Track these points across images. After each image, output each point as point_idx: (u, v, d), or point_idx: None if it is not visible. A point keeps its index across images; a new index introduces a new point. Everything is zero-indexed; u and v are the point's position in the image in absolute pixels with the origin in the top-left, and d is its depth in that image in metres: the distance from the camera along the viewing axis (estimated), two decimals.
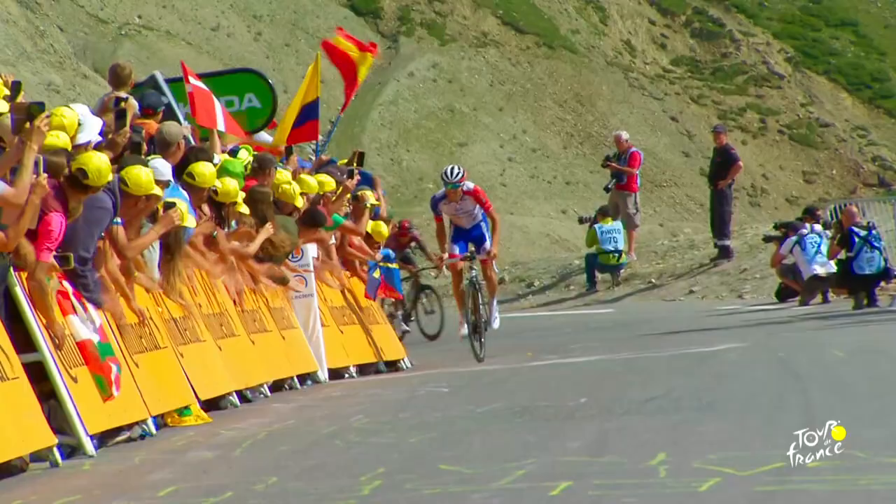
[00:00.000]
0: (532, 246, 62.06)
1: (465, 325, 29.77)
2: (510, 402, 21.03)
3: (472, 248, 30.04)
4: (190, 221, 22.04)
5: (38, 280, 18.07)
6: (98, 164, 18.72)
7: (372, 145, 64.32)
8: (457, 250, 29.91)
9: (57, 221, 18.02)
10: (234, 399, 22.72)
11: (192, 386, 21.24)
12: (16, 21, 63.30)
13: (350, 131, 62.53)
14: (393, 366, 29.52)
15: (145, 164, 20.87)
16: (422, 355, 31.99)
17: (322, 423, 20.40)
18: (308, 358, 26.20)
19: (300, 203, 26.74)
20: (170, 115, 26.17)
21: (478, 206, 29.98)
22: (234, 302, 23.81)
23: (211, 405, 21.62)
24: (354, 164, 30.80)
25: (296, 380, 25.41)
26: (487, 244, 29.84)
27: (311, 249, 27.23)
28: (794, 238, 38.87)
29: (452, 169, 29.78)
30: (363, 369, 28.26)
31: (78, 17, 70.54)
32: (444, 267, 31.48)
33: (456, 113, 76.48)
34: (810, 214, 40.80)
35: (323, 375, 26.37)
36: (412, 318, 39.74)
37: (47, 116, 18.07)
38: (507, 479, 14.18)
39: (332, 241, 28.72)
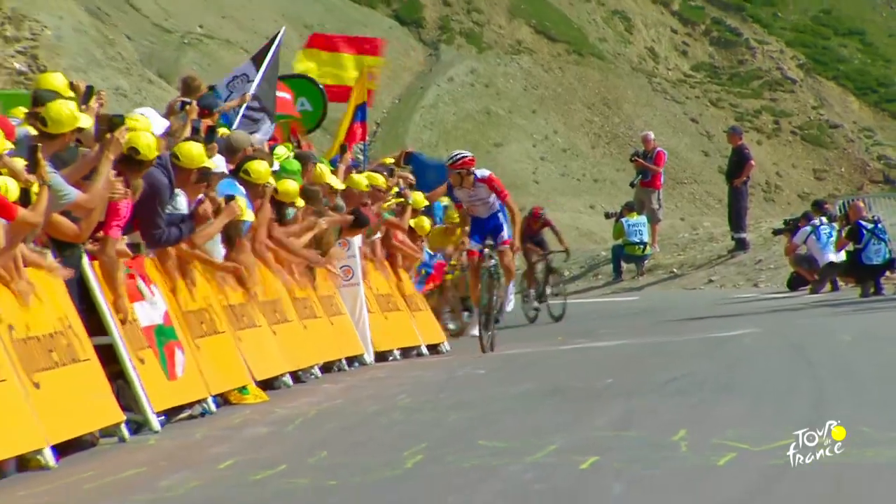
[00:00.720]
0: (570, 233, 61.95)
1: (477, 325, 28.35)
2: (542, 383, 21.02)
3: (488, 240, 27.39)
4: (248, 215, 22.09)
5: (109, 255, 18.17)
6: (147, 140, 18.85)
7: (415, 145, 64.15)
8: (473, 245, 27.50)
9: (123, 202, 18.12)
10: (288, 380, 22.76)
11: (248, 367, 21.28)
12: (87, 31, 63.38)
13: (394, 132, 62.51)
14: (434, 349, 29.44)
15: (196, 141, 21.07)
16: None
17: (368, 402, 20.39)
18: (355, 342, 26.24)
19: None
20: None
21: (493, 194, 27.28)
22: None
23: (266, 385, 21.65)
24: (401, 163, 31.00)
25: (344, 362, 25.41)
26: (505, 233, 27.30)
27: (357, 241, 27.23)
28: (807, 228, 38.83)
29: (455, 154, 26.88)
30: (406, 352, 28.26)
31: (144, 26, 70.59)
32: (462, 255, 30.38)
33: (492, 115, 76.43)
34: (819, 208, 40.75)
35: (369, 358, 26.41)
36: (543, 300, 37.97)
37: (125, 129, 18.23)
38: (540, 454, 14.17)
39: (378, 235, 28.79)
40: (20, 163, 16.47)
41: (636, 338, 28.15)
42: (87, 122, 18.88)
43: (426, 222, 31.22)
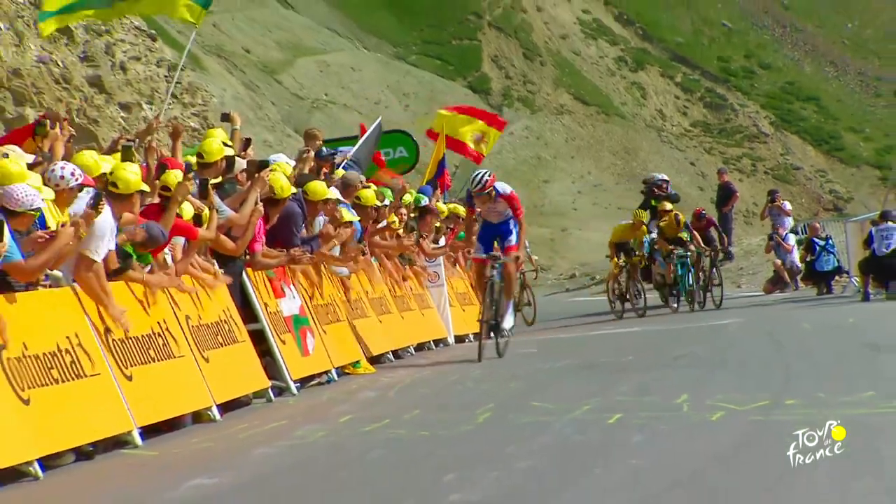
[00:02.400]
0: (594, 252, 61.63)
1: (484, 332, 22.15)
2: (579, 360, 20.96)
3: (496, 246, 22.08)
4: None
5: (257, 262, 18.34)
6: (282, 182, 18.95)
7: None
8: (482, 251, 22.00)
9: (260, 227, 18.39)
10: (390, 356, 22.74)
11: (361, 347, 21.30)
12: (243, 98, 63.55)
13: (467, 176, 62.26)
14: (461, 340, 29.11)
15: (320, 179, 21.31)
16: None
17: (449, 374, 20.35)
18: (440, 328, 26.19)
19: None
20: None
21: (510, 210, 22.04)
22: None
23: (374, 360, 21.63)
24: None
25: (432, 343, 25.37)
26: (513, 238, 21.85)
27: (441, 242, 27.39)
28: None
29: (476, 177, 21.87)
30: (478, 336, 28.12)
31: (284, 95, 70.55)
32: (468, 262, 26.52)
33: (542, 160, 76.05)
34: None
35: (451, 340, 26.33)
36: (709, 289, 33.20)
37: (269, 171, 18.47)
38: (577, 412, 14.12)
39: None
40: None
41: (648, 325, 28.02)
42: (241, 164, 19.02)
43: (460, 209, 30.57)
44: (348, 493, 10.76)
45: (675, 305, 32.60)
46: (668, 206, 33.16)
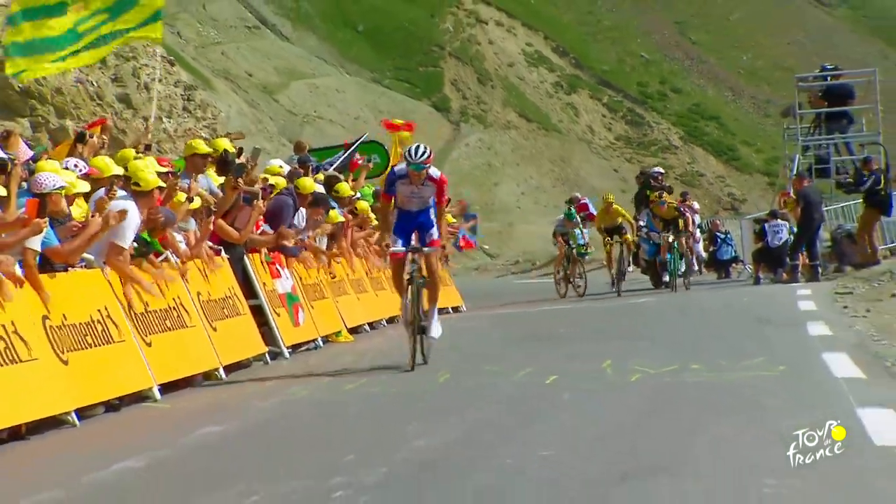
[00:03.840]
0: (536, 242, 61.79)
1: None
2: (523, 331, 20.97)
3: (415, 238, 16.32)
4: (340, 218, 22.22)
5: (252, 240, 18.37)
6: (278, 181, 19.04)
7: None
8: (400, 244, 16.21)
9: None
10: (367, 327, 22.69)
11: (342, 319, 21.26)
12: (246, 114, 63.44)
13: (406, 148, 62.38)
14: (456, 310, 29.05)
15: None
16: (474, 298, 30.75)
17: (349, 358, 20.38)
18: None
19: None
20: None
21: (433, 197, 16.30)
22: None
23: (352, 331, 21.58)
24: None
25: (398, 319, 25.26)
26: (434, 232, 16.26)
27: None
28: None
29: (418, 147, 15.86)
30: (440, 311, 27.92)
31: (280, 112, 70.40)
32: (386, 257, 19.22)
33: (492, 166, 76.08)
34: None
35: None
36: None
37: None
38: (521, 374, 14.14)
39: None
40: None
41: (580, 303, 28.06)
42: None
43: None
44: (330, 439, 10.77)
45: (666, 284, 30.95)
46: (667, 196, 31.83)
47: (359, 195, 24.44)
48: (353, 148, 27.92)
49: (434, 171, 16.06)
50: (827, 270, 31.67)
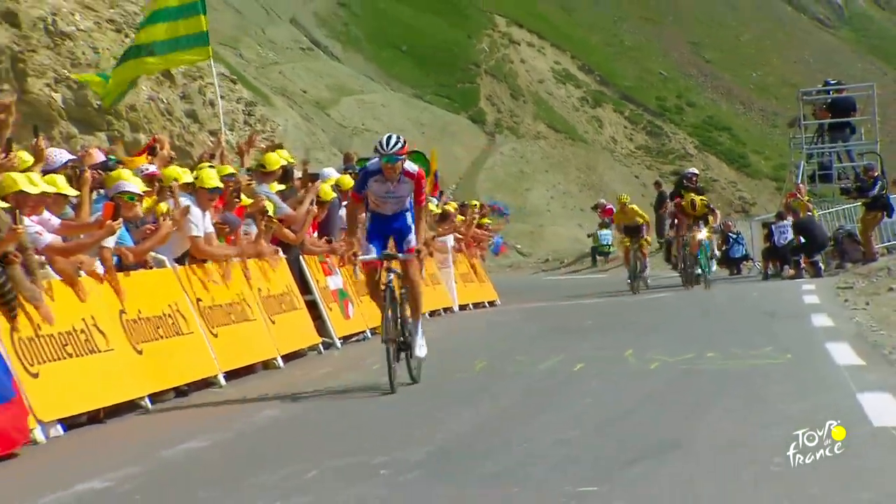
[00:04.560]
0: (564, 242, 61.72)
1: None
2: (553, 324, 20.95)
3: (392, 244, 13.23)
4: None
5: (307, 248, 18.36)
6: (327, 190, 19.04)
7: (480, 191, 63.97)
8: (373, 251, 12.98)
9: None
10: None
11: None
12: (300, 127, 63.60)
13: (470, 183, 62.03)
14: (492, 304, 29.05)
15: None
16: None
17: (456, 332, 20.39)
18: (448, 299, 26.14)
19: None
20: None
21: (411, 196, 13.02)
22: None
23: None
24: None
25: (441, 310, 25.29)
26: (412, 239, 13.09)
27: (450, 240, 27.14)
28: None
29: (390, 137, 12.68)
30: (477, 305, 28.04)
31: (331, 125, 70.51)
32: (355, 269, 16.72)
33: (524, 173, 76.01)
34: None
35: (455, 308, 26.26)
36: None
37: (320, 182, 18.47)
38: (549, 362, 14.14)
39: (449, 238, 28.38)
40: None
41: (604, 298, 27.99)
42: (297, 173, 19.10)
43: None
44: (377, 421, 10.80)
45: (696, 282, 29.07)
46: (695, 195, 30.07)
47: None
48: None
49: (410, 166, 12.87)
50: (829, 267, 31.55)
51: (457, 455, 8.79)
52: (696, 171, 34.26)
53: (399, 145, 12.47)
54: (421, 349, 13.33)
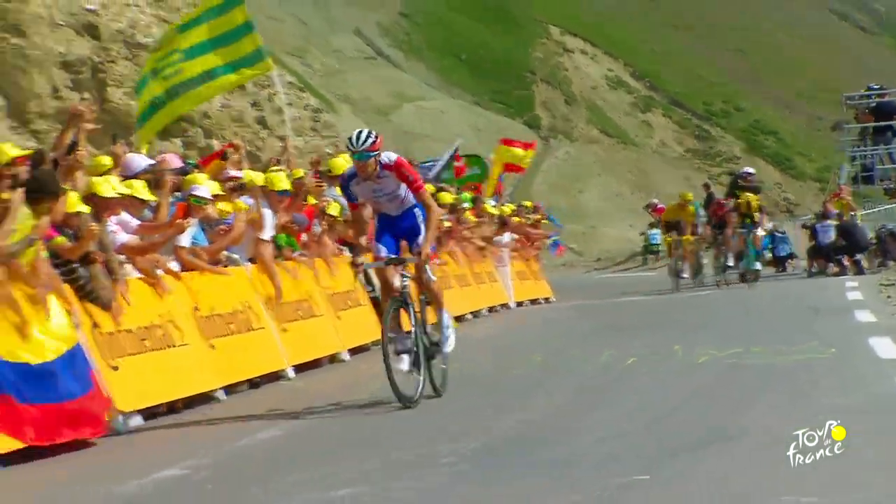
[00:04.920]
0: (616, 242, 61.56)
1: (404, 357, 11.28)
2: (606, 321, 20.90)
3: (404, 245, 11.69)
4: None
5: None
6: None
7: (535, 194, 63.94)
8: (383, 251, 11.51)
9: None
10: (469, 316, 22.67)
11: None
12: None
13: (526, 185, 61.95)
14: (547, 300, 28.89)
15: None
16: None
17: (514, 328, 20.40)
18: (505, 296, 26.08)
19: None
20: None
21: (403, 185, 11.32)
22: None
23: (458, 319, 21.48)
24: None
25: (499, 307, 25.23)
26: (421, 240, 11.45)
27: (506, 238, 27.03)
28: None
29: (360, 134, 11.16)
30: (534, 301, 27.91)
31: (393, 130, 70.58)
32: (359, 274, 14.21)
33: (578, 176, 75.91)
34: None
35: (512, 305, 26.22)
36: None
37: None
38: (603, 357, 14.12)
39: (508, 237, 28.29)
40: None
41: (654, 296, 27.83)
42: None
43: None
44: (437, 413, 10.82)
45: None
46: (751, 194, 29.33)
47: (465, 205, 24.41)
48: (449, 155, 28.04)
49: (387, 157, 11.20)
50: (872, 265, 31.32)
51: (511, 447, 8.79)
52: (752, 171, 33.19)
53: (370, 140, 11.05)
54: (448, 344, 11.91)
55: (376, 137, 11.09)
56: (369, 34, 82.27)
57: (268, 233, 14.80)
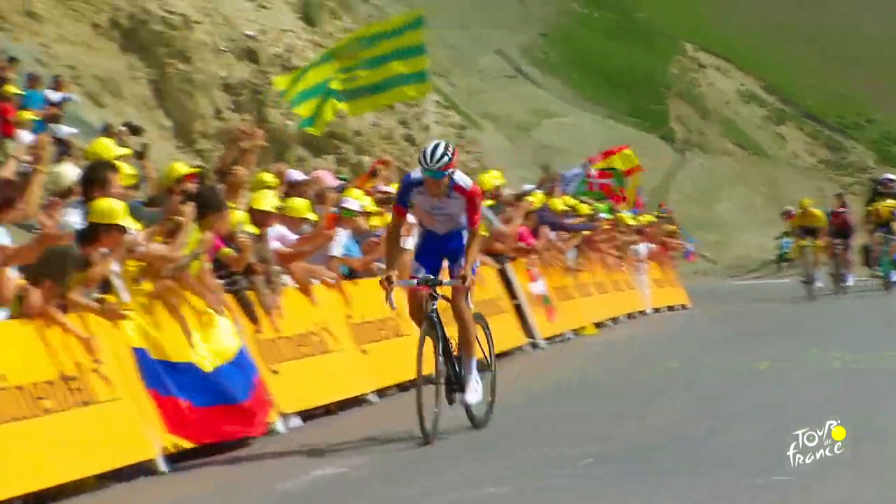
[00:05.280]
0: (749, 251, 60.75)
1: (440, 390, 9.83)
2: (740, 327, 20.58)
3: (445, 265, 10.07)
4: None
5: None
6: (534, 200, 19.06)
7: (670, 204, 63.38)
8: (422, 270, 9.86)
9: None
10: (609, 322, 22.37)
11: (588, 316, 21.07)
12: (505, 148, 63.67)
13: (660, 197, 61.42)
14: (684, 307, 28.23)
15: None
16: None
17: (651, 333, 20.22)
18: (643, 303, 25.68)
19: None
20: None
21: (464, 214, 9.77)
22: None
23: (597, 325, 21.38)
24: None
25: (636, 313, 24.79)
26: (464, 261, 9.81)
27: (643, 248, 26.65)
28: None
29: (436, 148, 9.58)
30: (670, 308, 27.23)
31: (533, 145, 70.50)
32: (389, 295, 9.79)
33: (712, 188, 75.15)
34: None
35: (649, 311, 25.68)
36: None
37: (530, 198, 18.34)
38: (739, 361, 13.92)
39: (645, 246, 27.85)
40: None
41: (787, 303, 27.11)
42: (506, 192, 19.07)
43: None
44: (578, 417, 10.77)
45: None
46: (891, 200, 28.15)
47: (602, 215, 24.21)
48: (581, 172, 27.77)
49: (462, 180, 9.76)
50: None
51: (655, 447, 8.72)
52: (893, 177, 31.75)
53: (446, 159, 9.51)
54: (473, 392, 9.98)
55: (453, 154, 9.59)
56: (510, 54, 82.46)
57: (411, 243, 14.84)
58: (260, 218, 11.80)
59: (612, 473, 7.85)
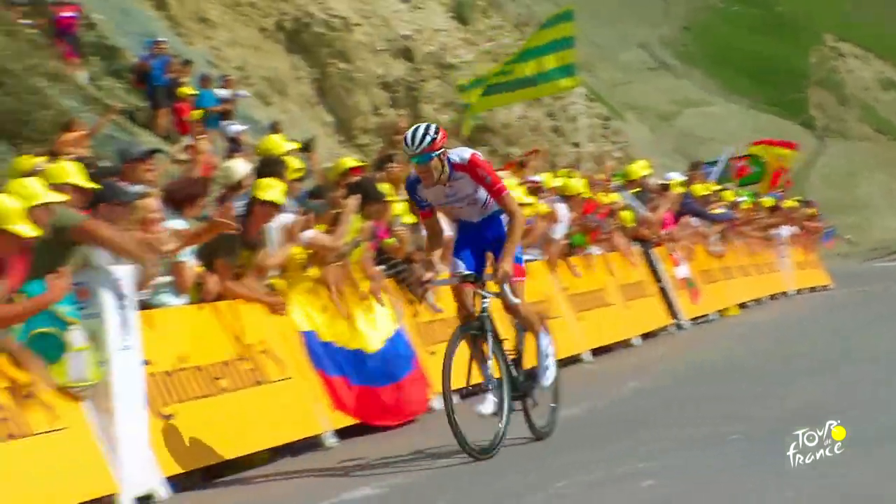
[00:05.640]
0: (890, 233, 59.15)
1: (487, 397, 8.21)
2: (882, 307, 19.94)
3: (489, 258, 8.30)
4: None
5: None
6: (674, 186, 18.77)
7: (811, 187, 62.05)
8: (462, 266, 8.18)
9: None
10: (752, 303, 21.89)
11: (731, 297, 20.64)
12: (647, 138, 63.01)
13: (801, 182, 60.14)
14: (825, 288, 27.00)
15: None
16: None
17: (794, 314, 19.79)
18: (785, 284, 24.70)
19: None
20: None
21: (480, 187, 8.07)
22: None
23: (740, 305, 20.93)
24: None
25: (780, 294, 23.90)
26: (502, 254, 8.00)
27: (784, 231, 25.88)
28: None
29: (416, 130, 7.98)
30: (812, 289, 26.30)
31: (675, 135, 69.66)
32: (427, 294, 10.40)
33: (851, 172, 73.69)
34: None
35: (792, 292, 24.63)
36: None
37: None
38: (885, 343, 13.55)
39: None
40: None
41: None
42: (652, 181, 18.80)
43: None
44: (724, 396, 10.56)
45: None
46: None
47: (743, 198, 23.79)
48: (724, 159, 27.47)
49: (457, 155, 8.19)
50: None
51: (797, 426, 8.52)
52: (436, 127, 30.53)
53: (428, 138, 8.03)
54: (546, 377, 8.68)
55: (436, 133, 8.06)
56: (653, 47, 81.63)
57: (558, 230, 14.84)
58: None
59: (756, 452, 7.72)
